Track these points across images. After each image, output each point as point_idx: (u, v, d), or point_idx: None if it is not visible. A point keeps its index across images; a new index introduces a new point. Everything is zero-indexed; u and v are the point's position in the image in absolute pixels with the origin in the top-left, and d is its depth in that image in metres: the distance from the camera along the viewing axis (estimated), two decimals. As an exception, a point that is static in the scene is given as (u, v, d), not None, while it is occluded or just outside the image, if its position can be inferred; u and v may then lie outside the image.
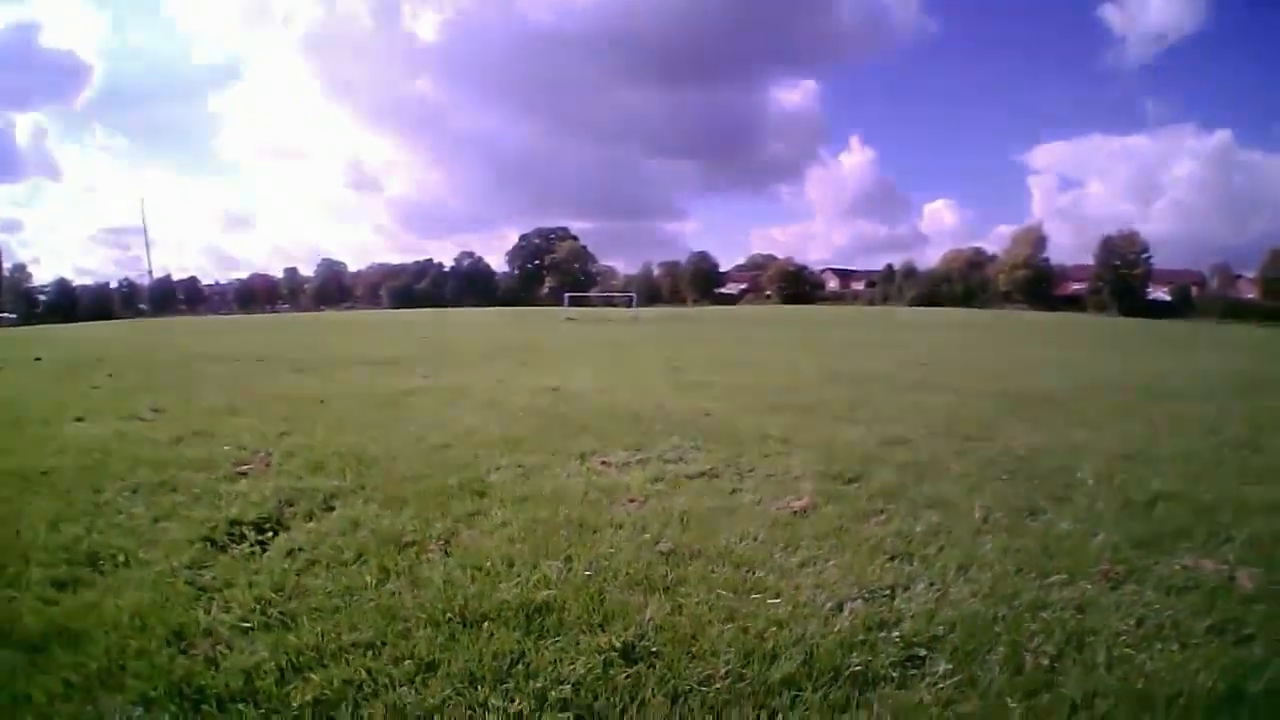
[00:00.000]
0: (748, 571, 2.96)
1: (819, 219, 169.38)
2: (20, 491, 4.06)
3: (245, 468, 4.53)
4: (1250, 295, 70.37)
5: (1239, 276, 74.54)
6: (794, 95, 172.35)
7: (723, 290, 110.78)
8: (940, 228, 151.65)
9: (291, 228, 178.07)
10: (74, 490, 4.06)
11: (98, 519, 3.60)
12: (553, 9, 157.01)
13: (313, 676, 2.19)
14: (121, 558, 3.11)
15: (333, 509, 3.77)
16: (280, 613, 2.60)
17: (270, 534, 3.42)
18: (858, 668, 2.24)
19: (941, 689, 2.16)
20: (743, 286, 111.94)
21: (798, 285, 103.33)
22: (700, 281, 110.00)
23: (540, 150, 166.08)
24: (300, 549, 3.21)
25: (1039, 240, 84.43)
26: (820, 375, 10.20)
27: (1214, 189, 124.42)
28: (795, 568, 3.00)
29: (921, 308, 78.81)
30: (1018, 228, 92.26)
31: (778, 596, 2.73)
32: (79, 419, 6.37)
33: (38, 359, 13.03)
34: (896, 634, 2.45)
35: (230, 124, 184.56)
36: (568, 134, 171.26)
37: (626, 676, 2.19)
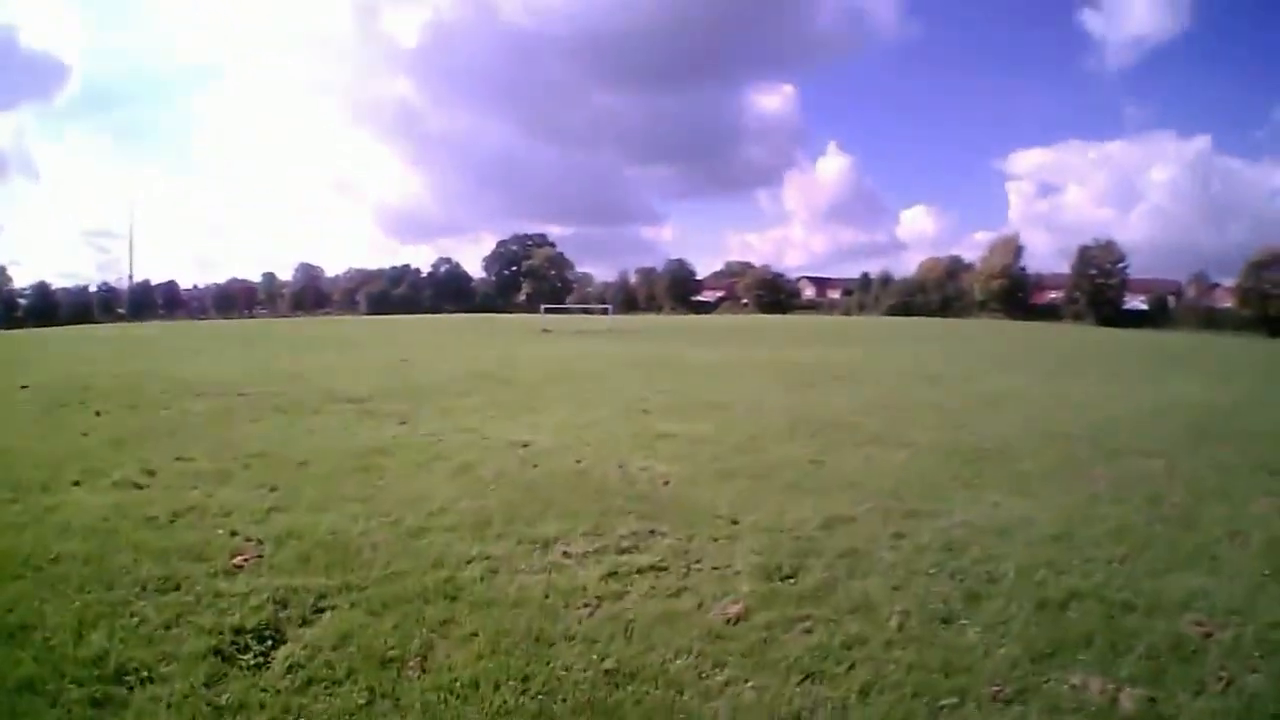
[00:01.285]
0: (676, 693, 3.31)
1: (796, 224, 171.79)
2: (37, 585, 4.30)
3: (240, 559, 4.80)
4: (1227, 304, 71.87)
5: (1215, 286, 76.14)
6: (773, 100, 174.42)
7: (699, 298, 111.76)
8: (918, 234, 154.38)
9: (271, 231, 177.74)
10: (88, 586, 4.31)
11: (116, 623, 3.86)
12: (531, 11, 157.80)
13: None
14: (145, 673, 3.41)
15: (322, 611, 4.08)
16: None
17: (270, 643, 3.72)
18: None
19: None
20: (719, 294, 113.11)
21: (774, 293, 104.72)
22: (676, 289, 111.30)
23: (519, 154, 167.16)
24: (299, 664, 3.53)
25: (1016, 249, 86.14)
26: (784, 421, 10.59)
27: (1192, 195, 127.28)
28: (718, 689, 3.36)
29: (897, 318, 79.90)
30: (995, 236, 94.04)
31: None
32: (76, 483, 6.60)
33: (24, 387, 13.16)
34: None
35: (211, 125, 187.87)
36: (546, 138, 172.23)
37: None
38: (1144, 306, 75.97)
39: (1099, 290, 76.66)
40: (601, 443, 8.92)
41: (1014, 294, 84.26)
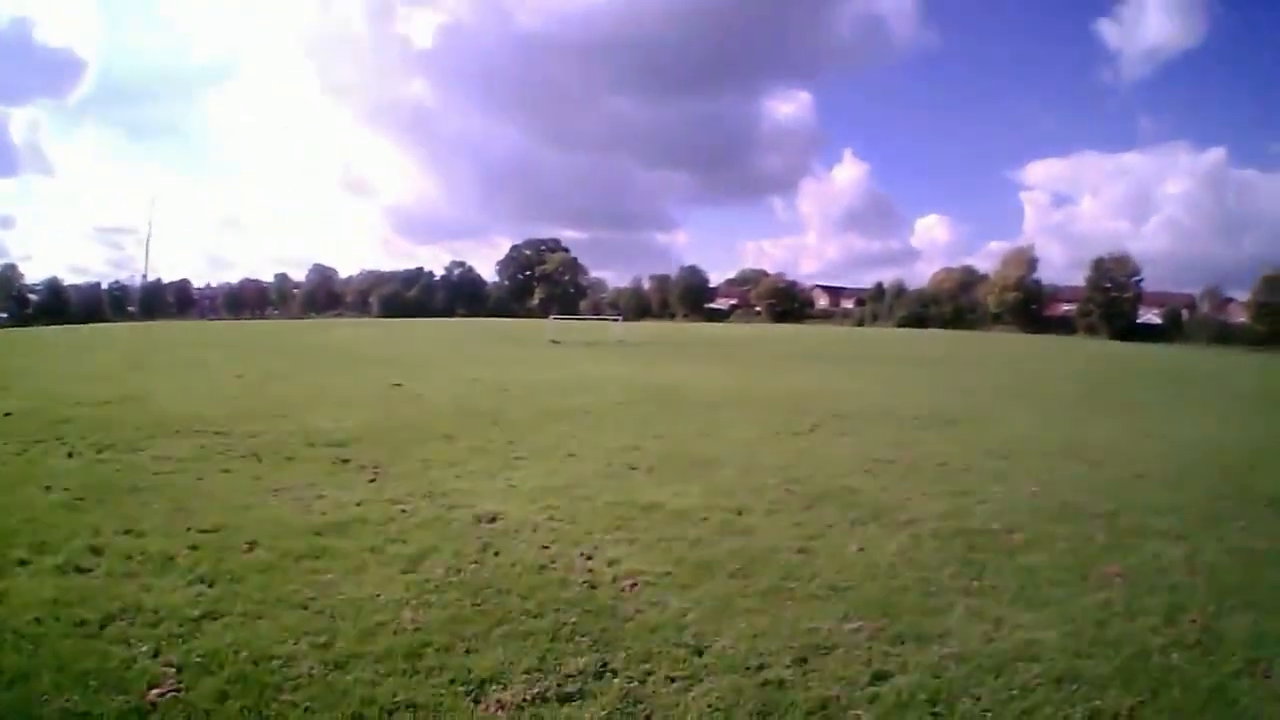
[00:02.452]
0: None
1: (811, 232, 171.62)
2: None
3: (156, 694, 4.33)
4: (1240, 319, 70.78)
5: (1229, 300, 75.03)
6: (789, 107, 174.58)
7: (712, 306, 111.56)
8: (932, 243, 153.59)
9: (285, 230, 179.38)
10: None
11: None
12: (546, 15, 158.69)
13: None
14: None
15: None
16: None
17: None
18: None
19: None
20: (732, 302, 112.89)
21: (788, 302, 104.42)
22: (690, 297, 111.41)
23: (532, 157, 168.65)
24: None
25: (1030, 261, 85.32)
26: (777, 486, 9.99)
27: (1208, 207, 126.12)
28: None
29: (910, 329, 79.08)
30: (1009, 247, 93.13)
31: None
32: (23, 562, 6.23)
33: (7, 415, 12.84)
34: None
35: (226, 123, 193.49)
36: (560, 142, 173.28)
37: None
38: (1158, 320, 74.94)
39: (1113, 303, 75.70)
40: (575, 518, 8.35)
41: (1028, 306, 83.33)
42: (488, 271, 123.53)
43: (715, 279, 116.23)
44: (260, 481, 9.44)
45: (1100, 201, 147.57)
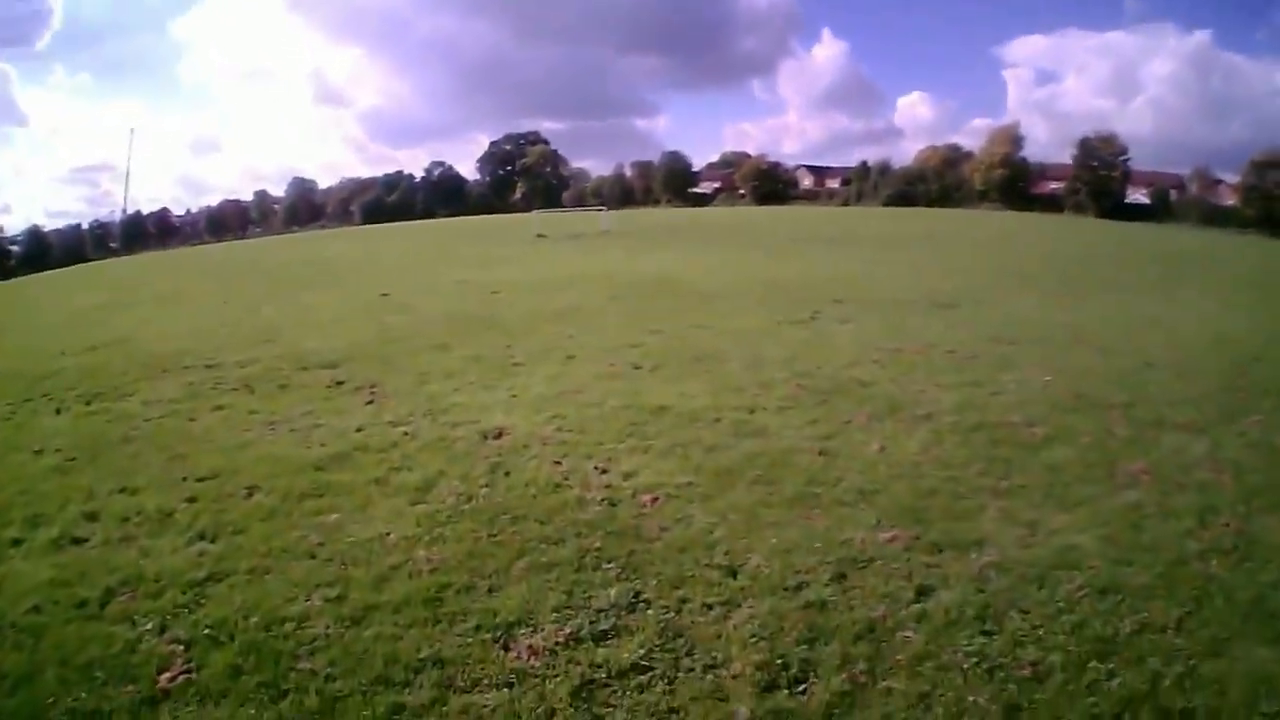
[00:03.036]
0: None
1: (792, 113, 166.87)
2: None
3: (168, 678, 4.07)
4: (1230, 201, 70.05)
5: (1219, 182, 73.96)
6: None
7: (696, 190, 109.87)
8: (915, 121, 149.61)
9: (262, 149, 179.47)
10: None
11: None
12: None
13: None
14: None
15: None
16: None
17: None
18: None
19: None
20: (716, 185, 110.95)
21: (772, 183, 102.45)
22: (674, 182, 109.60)
23: (507, 51, 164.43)
24: None
25: (1016, 138, 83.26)
26: (787, 380, 9.74)
27: (1193, 89, 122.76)
28: None
29: (896, 208, 77.96)
30: (993, 124, 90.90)
31: None
32: (16, 541, 5.87)
33: None
34: None
35: (194, 49, 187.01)
36: (534, 33, 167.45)
37: None
38: (1146, 200, 73.89)
39: (1101, 182, 74.34)
40: (584, 427, 8.07)
41: (1014, 184, 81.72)
42: (468, 170, 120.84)
43: (698, 163, 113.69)
44: (255, 415, 9.01)
45: (1085, 79, 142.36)
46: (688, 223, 56.87)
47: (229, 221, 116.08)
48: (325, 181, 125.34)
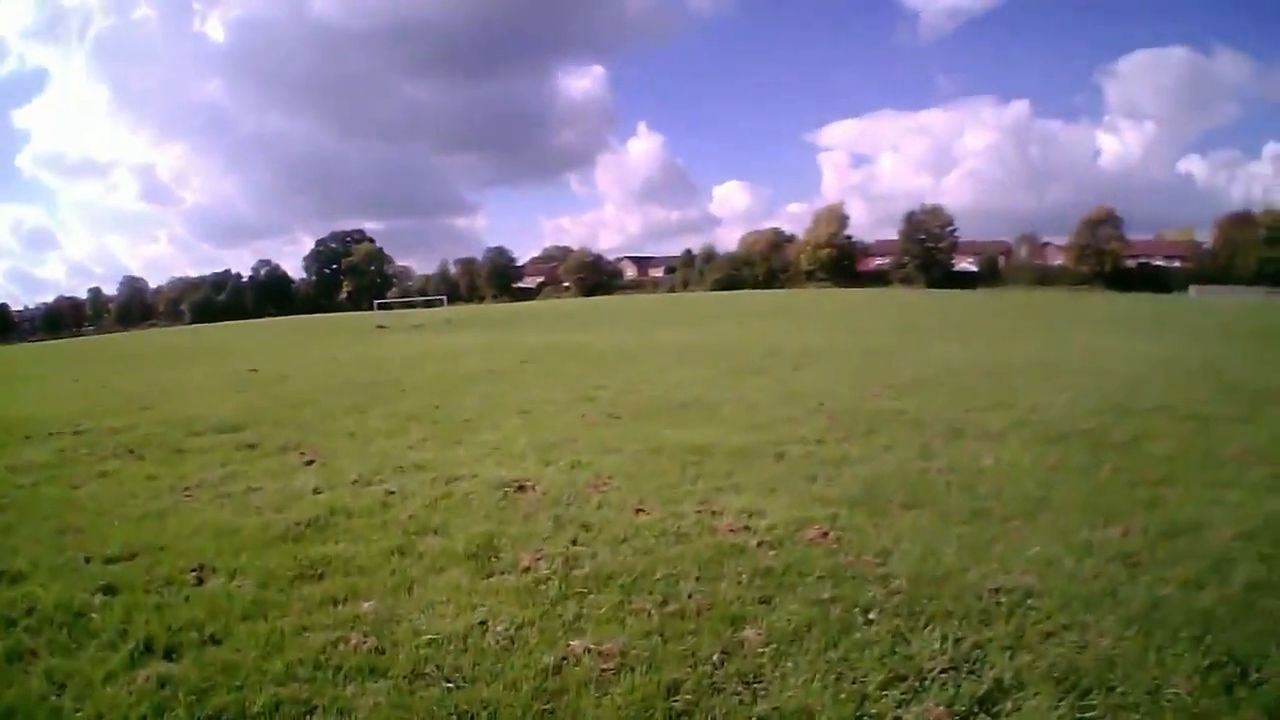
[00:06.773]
0: None
1: (609, 206, 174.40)
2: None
3: None
4: (1058, 261, 78.45)
5: (1046, 244, 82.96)
6: (582, 82, 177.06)
7: (521, 285, 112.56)
8: (732, 209, 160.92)
9: (93, 245, 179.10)
10: None
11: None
12: (339, 4, 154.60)
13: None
14: None
15: None
16: None
17: None
18: None
19: None
20: (540, 280, 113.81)
21: (596, 275, 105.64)
22: (498, 277, 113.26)
23: (329, 151, 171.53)
24: None
25: (841, 218, 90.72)
26: (818, 414, 8.77)
27: (1011, 159, 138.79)
28: None
29: (725, 292, 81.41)
30: (808, 207, 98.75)
31: None
32: None
33: None
34: None
35: (33, 140, 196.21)
36: (356, 132, 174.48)
37: None
38: (974, 268, 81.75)
39: (928, 254, 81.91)
40: (625, 471, 6.58)
41: (841, 262, 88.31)
42: (294, 268, 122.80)
43: (521, 259, 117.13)
44: (157, 481, 6.77)
45: (900, 158, 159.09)
46: (528, 313, 56.14)
47: (65, 318, 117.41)
48: (154, 280, 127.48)
